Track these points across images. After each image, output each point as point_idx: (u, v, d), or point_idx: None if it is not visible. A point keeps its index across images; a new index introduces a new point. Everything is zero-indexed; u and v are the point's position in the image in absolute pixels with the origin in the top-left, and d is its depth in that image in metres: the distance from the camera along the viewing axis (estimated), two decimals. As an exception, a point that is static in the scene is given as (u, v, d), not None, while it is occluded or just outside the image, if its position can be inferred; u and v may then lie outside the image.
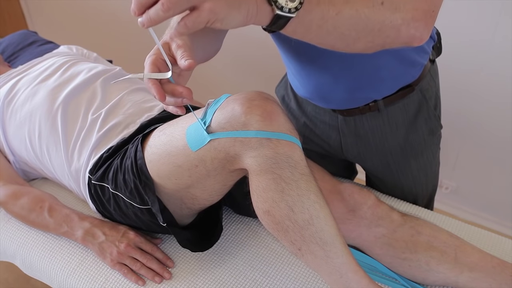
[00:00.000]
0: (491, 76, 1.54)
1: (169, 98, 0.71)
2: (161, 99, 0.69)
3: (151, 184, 0.92)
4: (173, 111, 0.73)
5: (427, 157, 1.13)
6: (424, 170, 1.15)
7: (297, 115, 1.15)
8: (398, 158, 1.10)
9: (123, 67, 1.33)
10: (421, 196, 1.21)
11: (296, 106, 1.14)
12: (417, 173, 1.14)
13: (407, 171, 1.13)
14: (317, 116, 1.11)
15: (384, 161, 1.12)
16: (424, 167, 1.14)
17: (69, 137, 1.10)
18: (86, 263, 1.04)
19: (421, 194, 1.20)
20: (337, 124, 1.08)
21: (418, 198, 1.20)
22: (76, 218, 1.07)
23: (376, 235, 1.00)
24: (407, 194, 1.19)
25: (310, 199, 0.78)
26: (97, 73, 1.23)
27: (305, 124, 1.14)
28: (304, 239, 0.78)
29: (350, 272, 0.81)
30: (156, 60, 0.73)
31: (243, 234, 1.11)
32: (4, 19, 2.84)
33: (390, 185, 1.19)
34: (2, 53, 1.59)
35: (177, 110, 0.73)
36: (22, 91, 1.20)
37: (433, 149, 1.13)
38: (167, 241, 1.08)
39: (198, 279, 1.00)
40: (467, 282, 0.94)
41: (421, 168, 1.14)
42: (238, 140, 0.78)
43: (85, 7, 2.51)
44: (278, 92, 1.22)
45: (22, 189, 1.14)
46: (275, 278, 1.01)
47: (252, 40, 1.85)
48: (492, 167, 1.75)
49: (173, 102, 0.71)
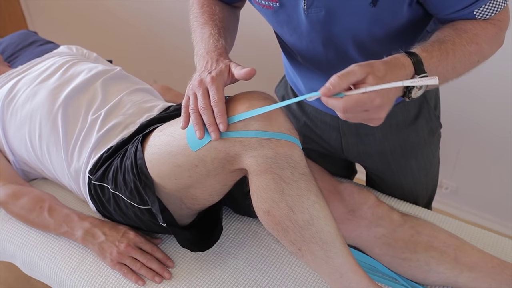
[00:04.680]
0: (491, 76, 1.54)
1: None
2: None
3: (151, 184, 0.92)
4: None
5: (427, 157, 1.13)
6: (424, 170, 1.15)
7: (298, 115, 1.15)
8: (399, 158, 1.11)
9: (123, 67, 1.33)
10: (421, 195, 1.21)
11: (297, 106, 1.14)
12: (417, 172, 1.14)
13: (408, 171, 1.14)
14: (317, 116, 1.11)
15: (384, 161, 1.12)
16: (424, 167, 1.14)
17: (69, 137, 1.10)
18: (86, 263, 1.04)
19: (421, 194, 1.21)
20: (338, 125, 1.08)
21: (418, 198, 1.20)
22: (76, 218, 1.07)
23: (376, 235, 1.00)
24: (407, 193, 1.19)
25: (310, 199, 0.78)
26: (97, 74, 1.23)
27: (306, 124, 1.14)
28: (304, 239, 0.79)
29: (350, 272, 0.81)
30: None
31: (243, 234, 1.11)
32: (4, 19, 2.83)
33: (390, 184, 1.19)
34: (2, 53, 1.59)
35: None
36: (23, 91, 1.20)
37: (433, 148, 1.14)
38: (167, 241, 1.08)
39: (198, 279, 1.00)
40: (467, 282, 0.94)
41: (421, 168, 1.14)
42: (238, 140, 0.78)
43: (85, 7, 2.51)
44: (278, 92, 1.22)
45: (22, 189, 1.14)
46: (275, 278, 1.01)
47: (252, 40, 1.85)
48: (492, 167, 1.75)
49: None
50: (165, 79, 2.35)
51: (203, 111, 0.78)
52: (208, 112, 0.78)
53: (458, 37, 0.79)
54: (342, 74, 0.67)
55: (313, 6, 0.82)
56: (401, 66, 0.71)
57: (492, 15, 0.80)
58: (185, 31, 2.16)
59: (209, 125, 0.78)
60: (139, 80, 1.32)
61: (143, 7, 2.30)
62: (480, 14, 0.80)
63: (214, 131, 0.78)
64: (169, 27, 2.25)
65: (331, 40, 0.88)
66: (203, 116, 0.78)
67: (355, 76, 0.67)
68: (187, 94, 0.82)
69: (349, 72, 0.67)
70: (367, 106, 0.67)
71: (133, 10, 2.35)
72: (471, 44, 0.79)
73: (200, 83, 0.80)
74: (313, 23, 0.85)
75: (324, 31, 0.86)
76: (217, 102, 0.78)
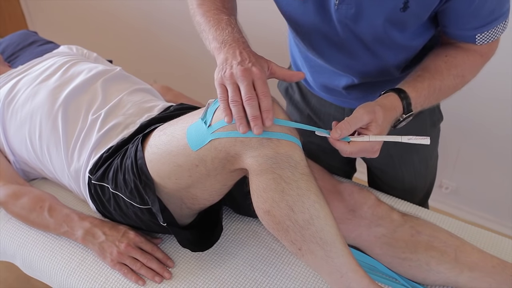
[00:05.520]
0: (491, 76, 1.54)
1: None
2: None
3: (151, 184, 0.92)
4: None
5: (428, 150, 1.16)
6: (425, 162, 1.19)
7: (301, 107, 1.16)
8: (401, 150, 1.13)
9: (123, 67, 1.33)
10: (420, 188, 1.24)
11: (300, 98, 1.16)
12: (418, 164, 1.17)
13: (409, 163, 1.16)
14: (321, 109, 1.13)
15: (387, 153, 1.12)
16: (425, 159, 1.18)
17: (69, 137, 1.10)
18: (86, 263, 1.04)
19: (420, 186, 1.23)
20: (343, 117, 1.09)
21: (417, 190, 1.23)
22: (76, 218, 1.07)
23: (376, 235, 1.00)
24: (407, 186, 1.21)
25: (310, 199, 0.78)
26: (97, 74, 1.23)
27: (309, 116, 1.16)
28: (304, 239, 0.79)
29: (351, 272, 0.81)
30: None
31: (243, 234, 1.11)
32: (4, 19, 2.84)
33: (391, 176, 1.21)
34: (2, 53, 1.58)
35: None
36: (23, 91, 1.20)
37: (434, 141, 1.17)
38: (167, 241, 1.08)
39: (198, 279, 1.00)
40: (467, 282, 0.95)
41: (422, 160, 1.17)
42: (238, 140, 0.78)
43: (85, 7, 2.51)
44: (280, 84, 1.23)
45: (22, 189, 1.14)
46: (275, 278, 1.01)
47: (252, 39, 1.85)
48: (492, 167, 1.75)
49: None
50: (165, 79, 2.36)
51: (249, 103, 0.73)
52: (255, 104, 0.73)
53: (447, 72, 0.90)
54: (351, 120, 0.79)
55: (345, 3, 0.84)
56: (393, 110, 0.84)
57: (489, 42, 0.89)
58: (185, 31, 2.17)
59: (254, 118, 0.73)
60: (139, 80, 1.32)
61: (143, 7, 2.30)
62: (480, 39, 0.89)
63: (258, 126, 0.73)
64: (169, 27, 2.25)
65: (348, 37, 0.91)
66: (249, 108, 0.73)
67: (362, 122, 0.79)
68: (222, 84, 0.76)
69: (356, 118, 0.79)
70: (368, 151, 0.81)
71: (133, 10, 2.35)
72: (457, 78, 0.91)
73: (245, 73, 0.74)
74: (340, 18, 0.87)
75: (346, 29, 0.89)
76: (265, 96, 0.74)
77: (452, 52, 0.92)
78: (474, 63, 0.93)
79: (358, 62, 0.97)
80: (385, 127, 0.82)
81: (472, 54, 0.92)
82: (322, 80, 1.08)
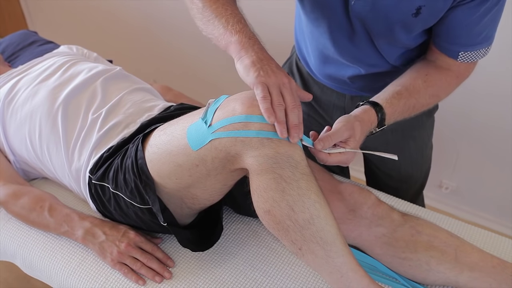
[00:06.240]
0: (491, 76, 1.54)
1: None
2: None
3: (151, 184, 0.92)
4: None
5: (423, 139, 1.24)
6: (421, 151, 1.24)
7: None
8: (398, 137, 1.18)
9: (123, 67, 1.33)
10: (416, 177, 1.28)
11: (302, 85, 1.18)
12: (415, 153, 1.23)
13: (405, 150, 1.21)
14: (322, 96, 1.17)
15: (384, 141, 1.17)
16: (421, 148, 1.23)
17: (69, 136, 1.10)
18: (86, 263, 1.04)
19: (416, 175, 1.28)
20: (344, 104, 1.16)
21: (413, 179, 1.27)
22: (76, 218, 1.07)
23: (376, 234, 1.00)
24: (404, 174, 1.26)
25: (310, 198, 0.78)
26: (97, 73, 1.23)
27: (310, 103, 1.20)
28: (304, 239, 0.79)
29: (351, 271, 0.81)
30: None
31: (244, 233, 1.11)
32: (4, 19, 2.84)
33: (388, 165, 1.25)
34: (2, 53, 1.59)
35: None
36: (23, 91, 1.20)
37: (429, 131, 1.25)
38: (167, 241, 1.08)
39: (198, 278, 1.00)
40: (467, 281, 0.95)
41: (418, 148, 1.23)
42: (239, 140, 0.78)
43: (85, 7, 2.51)
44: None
45: (22, 188, 1.14)
46: (276, 277, 1.01)
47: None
48: (492, 167, 1.75)
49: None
50: (165, 79, 2.36)
51: (293, 110, 0.76)
52: (297, 113, 0.76)
53: (424, 91, 0.98)
54: (333, 134, 0.84)
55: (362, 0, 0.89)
56: (369, 124, 0.92)
57: (469, 62, 0.97)
58: (185, 31, 2.16)
59: (295, 126, 0.76)
60: (139, 79, 1.32)
61: (143, 7, 2.30)
62: (462, 57, 0.96)
63: (299, 135, 0.76)
64: (169, 27, 2.25)
65: (360, 30, 0.96)
66: (291, 116, 0.76)
67: (342, 137, 0.85)
68: (265, 84, 0.77)
69: (337, 133, 0.85)
70: (343, 162, 0.86)
71: (133, 10, 2.35)
72: (432, 97, 1.00)
73: (291, 81, 0.79)
74: (355, 13, 0.92)
75: (360, 23, 0.94)
76: (299, 107, 0.77)
77: (432, 71, 1.00)
78: (450, 83, 1.01)
79: (366, 55, 1.03)
80: (361, 140, 0.90)
81: (450, 75, 1.00)
82: (328, 71, 1.13)
